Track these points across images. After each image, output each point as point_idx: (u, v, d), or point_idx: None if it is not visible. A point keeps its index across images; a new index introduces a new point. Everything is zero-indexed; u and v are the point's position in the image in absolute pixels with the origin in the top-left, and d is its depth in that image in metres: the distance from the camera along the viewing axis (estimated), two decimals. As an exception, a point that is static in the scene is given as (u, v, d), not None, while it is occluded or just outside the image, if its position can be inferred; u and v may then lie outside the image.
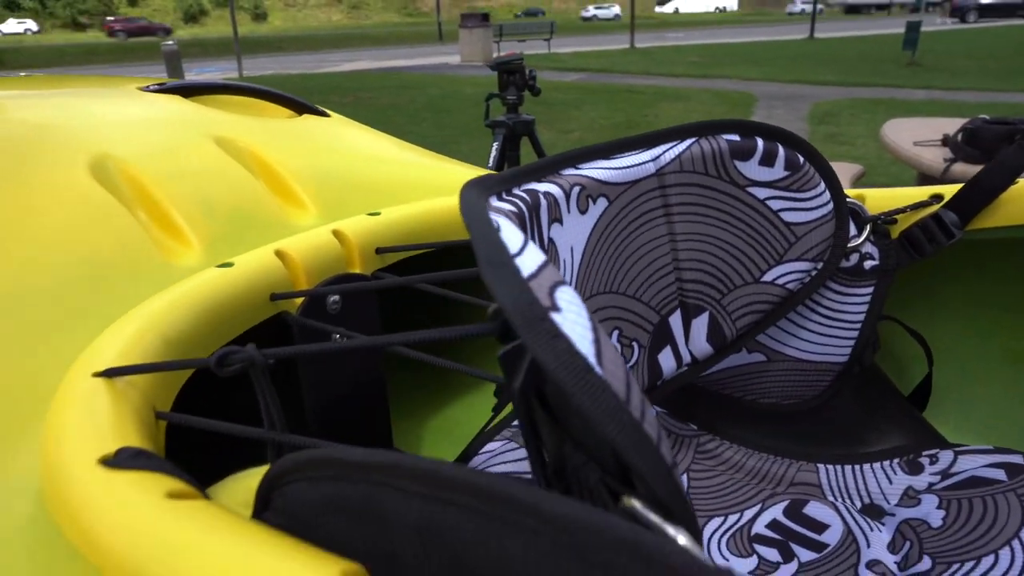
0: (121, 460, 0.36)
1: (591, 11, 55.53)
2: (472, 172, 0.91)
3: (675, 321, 0.69)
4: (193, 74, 13.59)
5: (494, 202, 0.51)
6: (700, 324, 0.70)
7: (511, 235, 0.38)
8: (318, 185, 0.68)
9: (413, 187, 0.78)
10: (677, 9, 65.30)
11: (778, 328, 0.77)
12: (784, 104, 7.88)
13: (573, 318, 0.32)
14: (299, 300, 0.55)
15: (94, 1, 55.75)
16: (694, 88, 9.58)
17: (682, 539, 0.26)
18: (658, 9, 62.26)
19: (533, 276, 0.34)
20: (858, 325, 0.74)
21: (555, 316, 0.31)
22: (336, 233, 0.60)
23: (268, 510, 0.32)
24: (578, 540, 0.22)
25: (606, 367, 0.30)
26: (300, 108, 0.95)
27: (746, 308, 0.71)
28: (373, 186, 0.75)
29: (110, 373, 0.43)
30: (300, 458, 0.29)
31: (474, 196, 0.41)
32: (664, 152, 0.60)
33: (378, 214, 0.65)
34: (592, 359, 0.30)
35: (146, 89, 0.86)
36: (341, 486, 0.28)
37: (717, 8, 67.86)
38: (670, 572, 0.20)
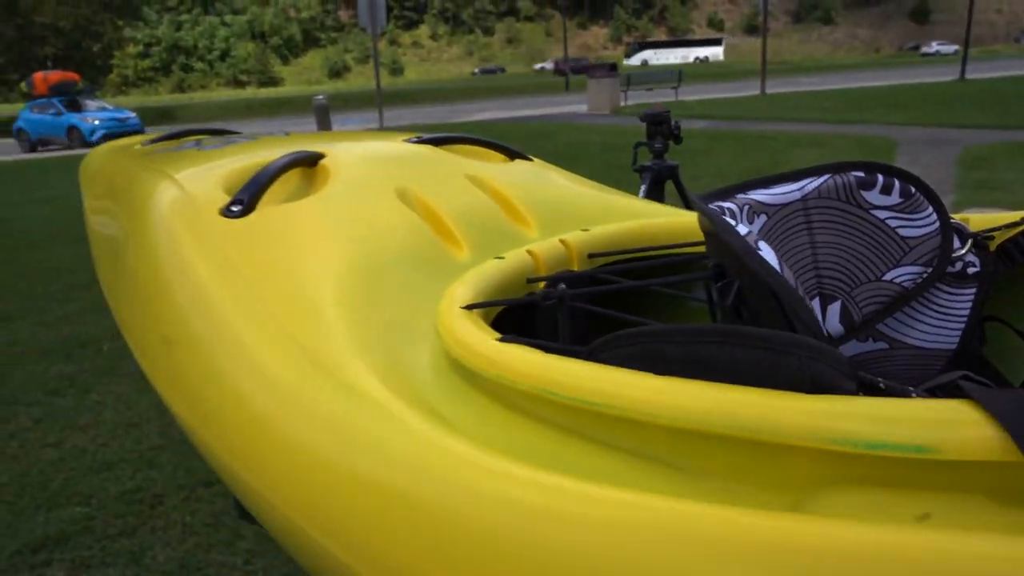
0: (507, 339, 0.59)
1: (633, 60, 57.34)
2: (643, 203, 1.13)
3: (815, 306, 0.88)
4: (338, 124, 14.81)
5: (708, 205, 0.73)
6: (834, 309, 0.88)
7: (729, 218, 0.71)
8: (537, 209, 0.95)
9: (604, 211, 1.02)
10: (645, 61, 61.35)
11: (897, 320, 0.92)
12: (930, 148, 7.52)
13: (767, 253, 0.65)
14: (541, 284, 0.79)
15: (252, 61, 61.86)
16: (830, 134, 9.33)
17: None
18: (626, 62, 60.61)
19: (746, 235, 0.66)
20: (964, 318, 0.89)
21: (760, 252, 0.63)
22: (563, 242, 0.84)
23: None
24: (778, 345, 0.47)
25: (785, 275, 0.62)
26: (512, 154, 1.20)
27: (870, 299, 0.88)
28: (575, 210, 1.01)
29: (471, 307, 0.68)
30: (629, 333, 0.53)
31: (701, 200, 0.71)
32: (806, 184, 0.81)
33: (587, 230, 0.89)
34: (779, 271, 0.61)
35: (408, 141, 1.14)
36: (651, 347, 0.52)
37: (697, 58, 63.45)
38: (831, 356, 0.46)
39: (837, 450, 0.41)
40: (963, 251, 0.86)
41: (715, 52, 62.75)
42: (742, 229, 0.69)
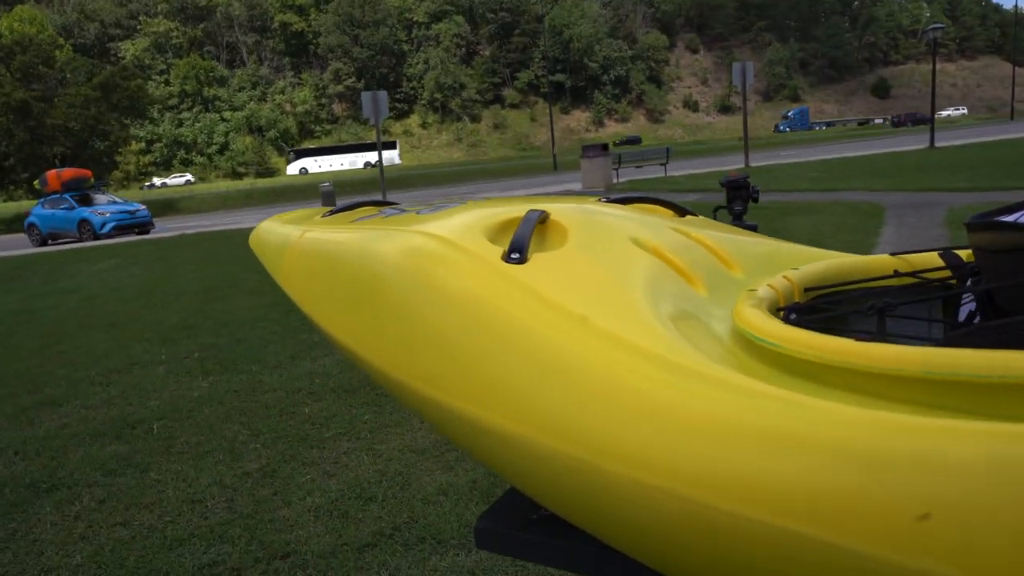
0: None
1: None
2: (815, 249, 1.29)
3: None
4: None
5: None
6: None
7: None
8: (734, 254, 1.09)
9: (787, 255, 1.17)
10: (304, 170, 58.57)
11: None
12: (915, 211, 7.86)
13: None
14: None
15: (250, 154, 63.51)
16: (820, 201, 9.69)
17: None
18: (288, 170, 58.59)
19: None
20: None
21: None
22: (786, 278, 0.97)
23: None
24: None
25: None
26: (682, 212, 1.34)
27: None
28: (764, 254, 1.15)
29: (789, 314, 0.86)
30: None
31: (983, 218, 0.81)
32: None
33: (797, 269, 1.02)
34: None
35: (602, 200, 1.30)
36: None
37: (367, 163, 57.67)
38: None
39: None
40: None
41: (391, 155, 59.75)
42: None
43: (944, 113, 62.03)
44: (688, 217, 1.29)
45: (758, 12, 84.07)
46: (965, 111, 63.00)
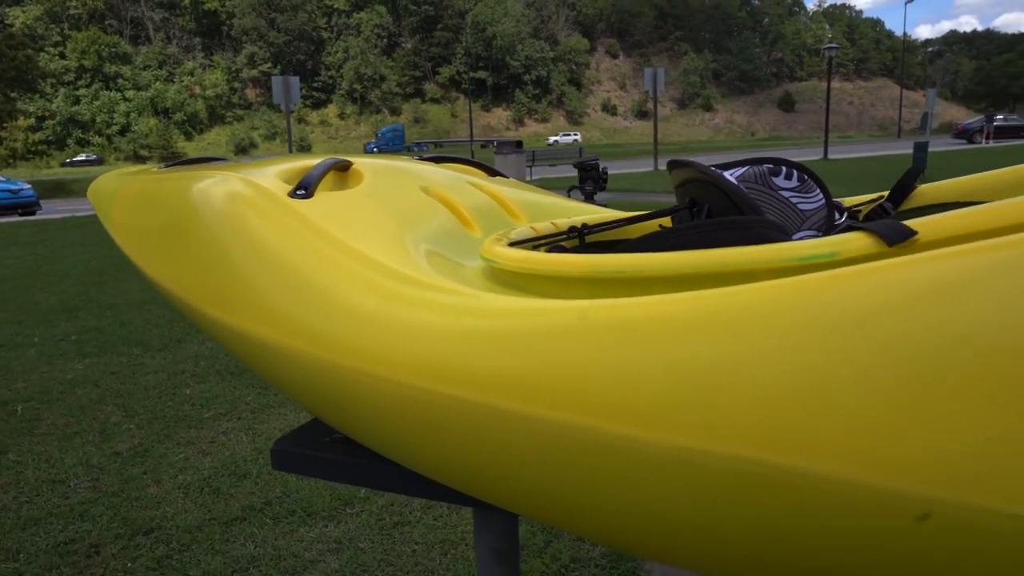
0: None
1: (552, 139, 61.77)
2: (601, 208, 1.46)
3: None
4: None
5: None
6: None
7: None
8: (524, 207, 1.24)
9: (571, 210, 1.35)
10: None
11: None
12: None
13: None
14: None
15: (155, 137, 60.25)
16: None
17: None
18: None
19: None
20: None
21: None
22: (553, 224, 1.12)
23: None
24: (745, 224, 0.76)
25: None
26: (493, 173, 1.50)
27: None
28: (553, 208, 1.33)
29: (514, 243, 0.94)
30: None
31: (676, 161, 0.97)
32: (735, 171, 1.05)
33: (570, 219, 1.18)
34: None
35: (418, 159, 1.43)
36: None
37: None
38: (773, 225, 0.77)
39: (787, 266, 0.65)
40: (842, 220, 1.11)
41: (575, 138, 63.37)
42: None
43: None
44: (498, 178, 1.45)
45: (675, 22, 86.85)
46: (577, 136, 64.23)
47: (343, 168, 1.10)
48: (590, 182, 3.69)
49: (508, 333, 0.60)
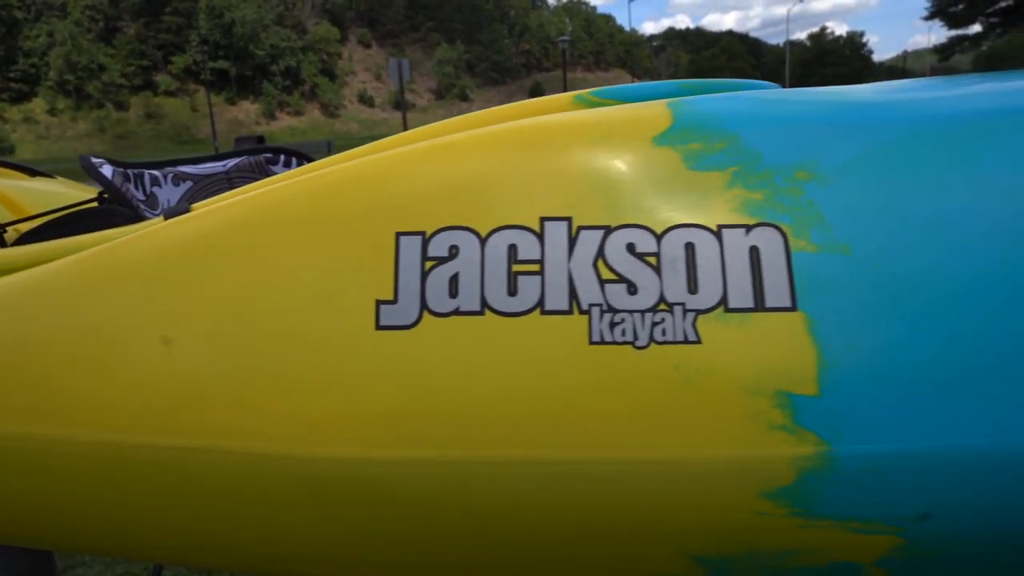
0: None
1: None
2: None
3: None
4: None
5: (106, 169, 0.91)
6: None
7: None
8: (28, 201, 1.16)
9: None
10: None
11: None
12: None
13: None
14: None
15: None
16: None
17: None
18: None
19: (120, 183, 0.88)
20: None
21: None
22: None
23: None
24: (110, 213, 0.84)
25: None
26: (35, 173, 1.45)
27: None
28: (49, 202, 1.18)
29: None
30: None
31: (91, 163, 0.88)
32: (229, 162, 1.09)
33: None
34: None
35: None
36: None
37: None
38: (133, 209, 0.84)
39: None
40: None
41: None
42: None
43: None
44: (38, 177, 1.43)
45: (427, 12, 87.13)
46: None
47: None
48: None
49: None
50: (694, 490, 0.51)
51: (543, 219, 0.53)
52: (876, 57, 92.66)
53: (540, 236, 0.53)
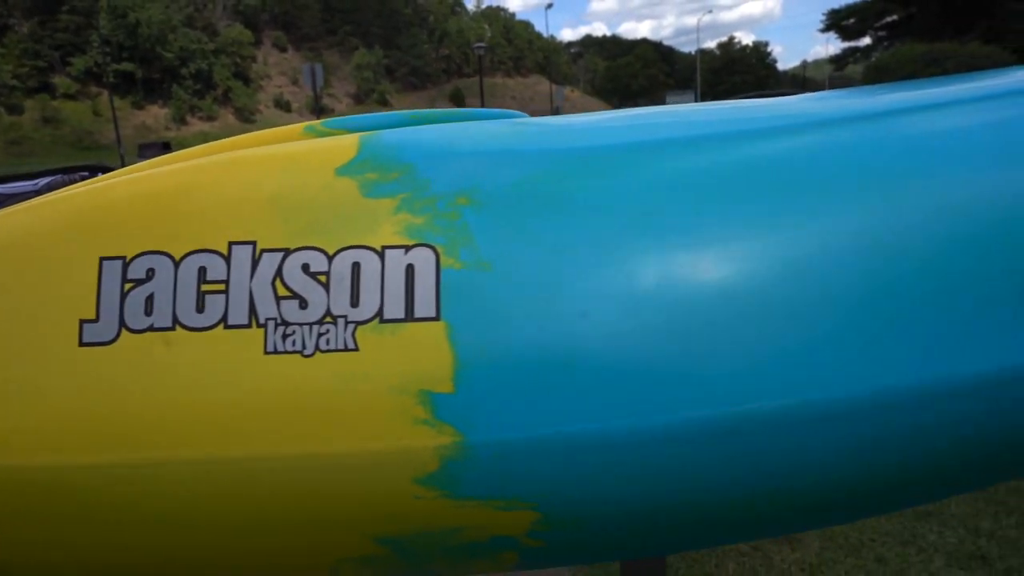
0: None
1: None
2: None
3: None
4: None
5: None
6: None
7: None
8: None
9: None
10: None
11: None
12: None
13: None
14: None
15: None
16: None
17: None
18: None
19: None
20: None
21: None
22: None
23: None
24: None
25: None
26: None
27: None
28: None
29: None
30: None
31: None
32: (40, 181, 0.97)
33: None
34: None
35: None
36: None
37: None
38: None
39: None
40: None
41: None
42: None
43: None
44: None
45: (344, 16, 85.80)
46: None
47: None
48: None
49: None
50: (362, 479, 0.59)
51: (231, 243, 0.61)
52: (780, 66, 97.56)
53: (227, 258, 0.60)
